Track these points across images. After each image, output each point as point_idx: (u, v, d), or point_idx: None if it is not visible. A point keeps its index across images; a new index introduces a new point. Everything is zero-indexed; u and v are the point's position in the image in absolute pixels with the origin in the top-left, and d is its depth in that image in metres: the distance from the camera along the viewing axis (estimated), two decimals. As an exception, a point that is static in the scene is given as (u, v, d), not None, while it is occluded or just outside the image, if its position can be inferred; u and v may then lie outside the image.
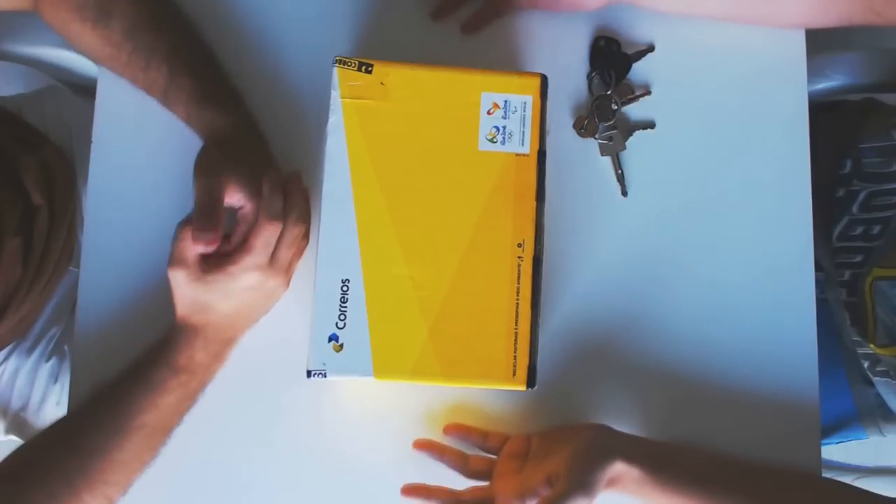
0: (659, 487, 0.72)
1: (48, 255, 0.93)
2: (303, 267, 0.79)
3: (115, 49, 0.78)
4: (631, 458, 0.72)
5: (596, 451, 0.73)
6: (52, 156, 0.94)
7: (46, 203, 0.91)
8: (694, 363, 0.82)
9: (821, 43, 0.86)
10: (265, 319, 0.79)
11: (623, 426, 0.79)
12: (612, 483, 0.72)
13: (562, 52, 0.87)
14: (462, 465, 0.79)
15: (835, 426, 0.97)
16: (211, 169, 0.71)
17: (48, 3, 0.79)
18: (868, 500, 0.74)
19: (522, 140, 0.74)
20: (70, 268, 0.99)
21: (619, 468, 0.72)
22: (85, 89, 1.01)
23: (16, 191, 0.88)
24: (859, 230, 0.87)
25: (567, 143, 0.85)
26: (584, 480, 0.71)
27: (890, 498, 0.72)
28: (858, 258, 0.87)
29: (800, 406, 0.81)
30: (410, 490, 0.79)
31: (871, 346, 0.86)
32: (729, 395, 0.82)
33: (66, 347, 1.00)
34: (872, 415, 0.96)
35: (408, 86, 0.75)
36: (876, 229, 0.85)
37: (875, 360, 0.89)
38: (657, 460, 0.73)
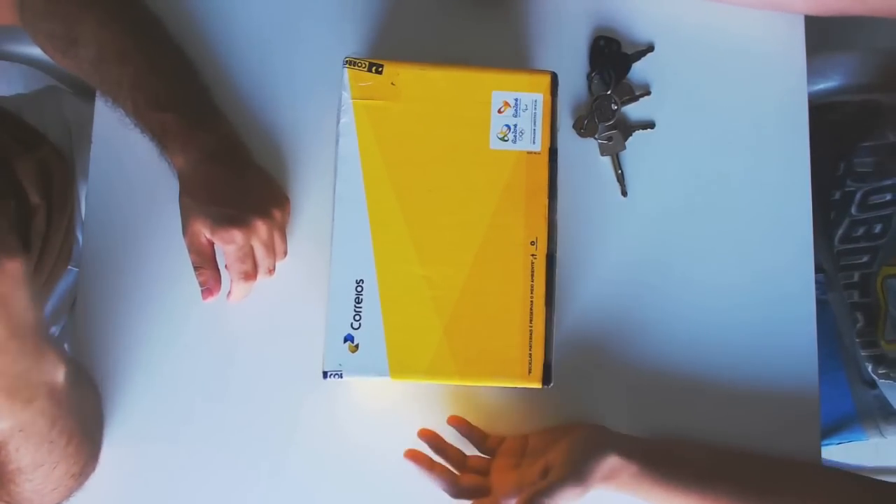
0: (657, 483, 0.73)
1: (45, 254, 0.92)
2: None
3: (87, 78, 0.79)
4: (627, 454, 0.73)
5: (592, 444, 0.74)
6: (50, 155, 0.93)
7: (44, 203, 0.90)
8: (693, 362, 0.83)
9: (821, 43, 0.87)
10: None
11: (626, 423, 0.80)
12: (609, 478, 0.72)
13: (562, 52, 0.87)
14: (461, 462, 0.79)
15: (835, 427, 0.99)
16: (186, 224, 0.77)
17: (28, 29, 0.80)
18: (869, 486, 0.76)
19: (534, 138, 0.75)
20: (68, 267, 0.98)
21: (614, 462, 0.72)
22: (85, 89, 1.00)
23: (12, 190, 0.87)
24: (861, 231, 0.88)
25: (567, 143, 0.85)
26: (578, 469, 0.72)
27: (890, 483, 0.74)
28: (865, 258, 0.88)
29: (800, 405, 0.83)
30: (414, 455, 0.79)
31: (882, 342, 0.87)
32: (731, 391, 0.83)
33: (65, 346, 0.99)
34: (872, 416, 0.98)
35: (418, 86, 0.75)
36: (877, 228, 0.87)
37: (879, 360, 0.90)
38: (654, 456, 0.74)
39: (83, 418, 0.70)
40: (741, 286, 0.84)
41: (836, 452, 1.02)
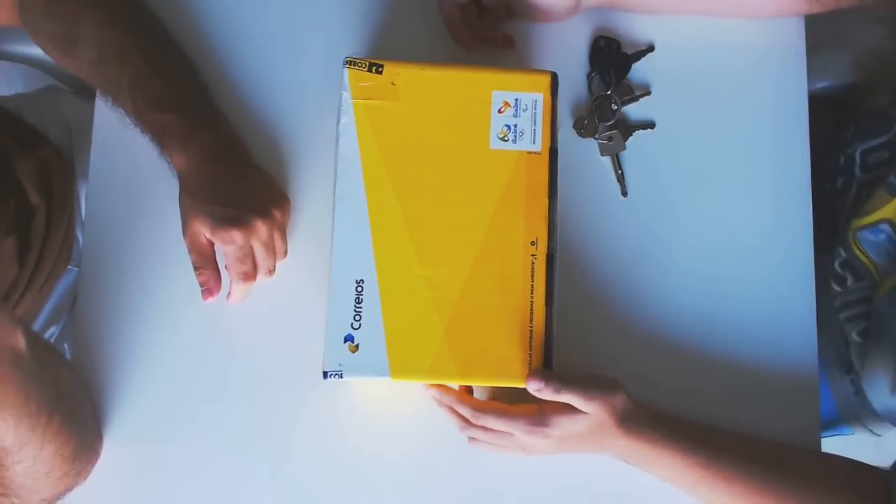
0: (663, 440, 0.74)
1: (45, 254, 0.92)
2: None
3: (87, 78, 0.79)
4: (636, 401, 0.74)
5: (608, 379, 0.74)
6: (50, 155, 0.94)
7: (44, 202, 0.90)
8: (694, 360, 0.83)
9: (820, 43, 0.87)
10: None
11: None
12: (620, 416, 0.72)
13: (562, 52, 0.87)
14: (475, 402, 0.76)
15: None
16: (186, 224, 0.76)
17: (28, 29, 0.80)
18: (867, 471, 0.76)
19: (534, 138, 0.75)
20: (68, 267, 0.98)
21: (625, 401, 0.73)
22: (85, 89, 1.01)
23: (12, 189, 0.87)
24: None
25: (567, 143, 0.85)
26: (596, 385, 0.72)
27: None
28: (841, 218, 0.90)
29: (800, 388, 0.83)
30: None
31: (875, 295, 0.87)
32: (731, 390, 0.83)
33: (65, 346, 0.99)
34: (853, 409, 0.98)
35: (418, 86, 0.75)
36: (839, 182, 0.89)
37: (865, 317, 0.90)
38: (663, 416, 0.75)
39: (60, 394, 0.70)
40: (741, 285, 0.84)
41: (837, 449, 1.02)
